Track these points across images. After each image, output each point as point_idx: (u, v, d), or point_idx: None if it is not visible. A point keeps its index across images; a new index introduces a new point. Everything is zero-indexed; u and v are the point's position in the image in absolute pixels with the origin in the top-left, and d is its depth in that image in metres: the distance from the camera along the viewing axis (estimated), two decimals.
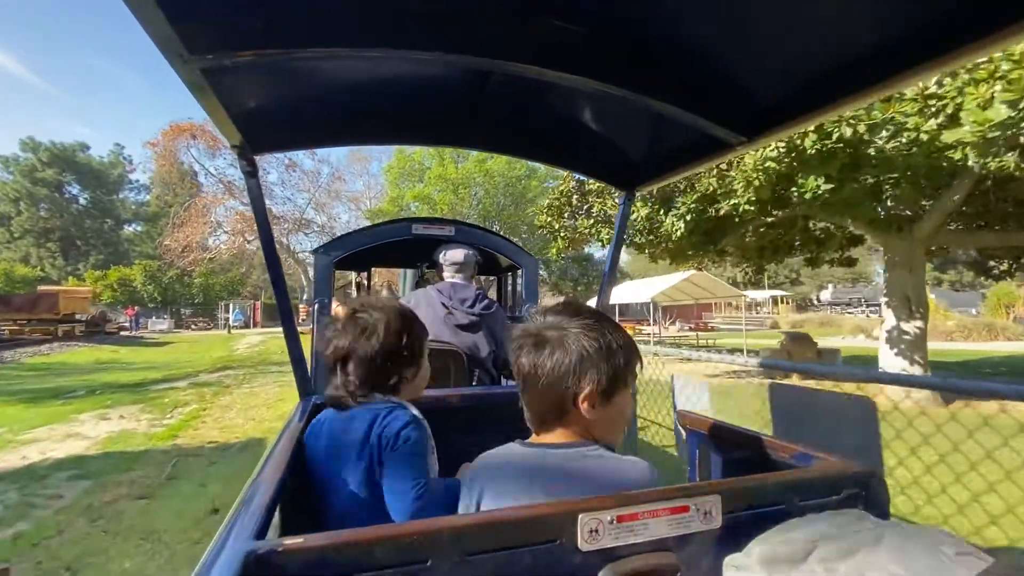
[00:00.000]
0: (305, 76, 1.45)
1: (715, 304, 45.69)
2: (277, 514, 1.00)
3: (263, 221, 1.80)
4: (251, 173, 1.69)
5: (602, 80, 1.35)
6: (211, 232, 39.22)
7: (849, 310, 51.29)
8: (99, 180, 53.74)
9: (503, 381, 2.62)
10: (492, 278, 5.23)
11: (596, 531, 0.82)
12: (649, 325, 25.21)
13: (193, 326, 35.25)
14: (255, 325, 38.30)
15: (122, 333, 27.70)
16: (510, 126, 1.93)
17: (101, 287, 38.16)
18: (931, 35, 0.93)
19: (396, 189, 39.43)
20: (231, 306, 38.66)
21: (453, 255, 2.68)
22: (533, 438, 1.07)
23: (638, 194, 2.23)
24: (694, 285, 19.73)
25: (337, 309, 2.89)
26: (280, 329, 1.94)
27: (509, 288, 4.41)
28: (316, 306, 2.88)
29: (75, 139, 54.95)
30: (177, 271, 40.77)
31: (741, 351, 16.02)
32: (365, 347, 1.27)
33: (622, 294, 22.44)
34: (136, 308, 33.27)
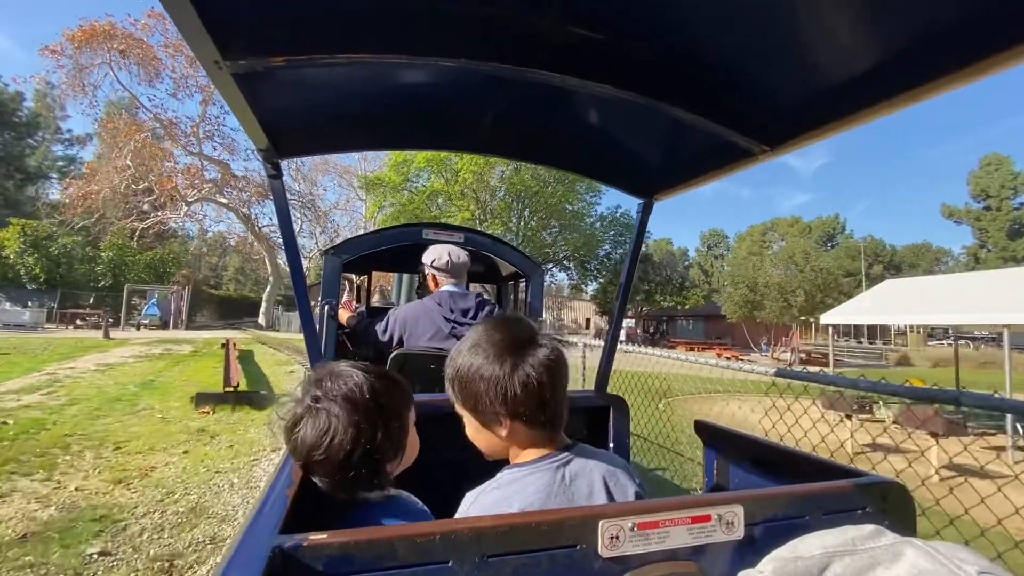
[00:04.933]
0: (330, 82, 1.46)
1: (797, 328, 35.14)
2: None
3: (286, 224, 1.76)
4: (275, 176, 1.70)
5: (622, 87, 1.34)
6: (128, 182, 27.03)
7: (931, 341, 42.14)
8: (4, 122, 40.82)
9: None
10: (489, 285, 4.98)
11: (617, 537, 0.81)
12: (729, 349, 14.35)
13: (80, 321, 22.99)
14: (180, 324, 26.04)
15: None
16: (530, 133, 1.92)
17: None
18: (965, 38, 0.87)
19: (402, 153, 29.39)
20: (148, 294, 26.43)
21: (439, 260, 2.51)
22: (545, 449, 1.03)
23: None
24: None
25: (341, 313, 2.83)
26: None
27: (511, 297, 4.20)
28: (326, 308, 2.75)
29: None
30: (76, 240, 28.36)
31: None
32: (330, 453, 1.00)
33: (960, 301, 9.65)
34: None
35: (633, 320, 45.11)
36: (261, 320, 33.81)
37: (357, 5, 1.10)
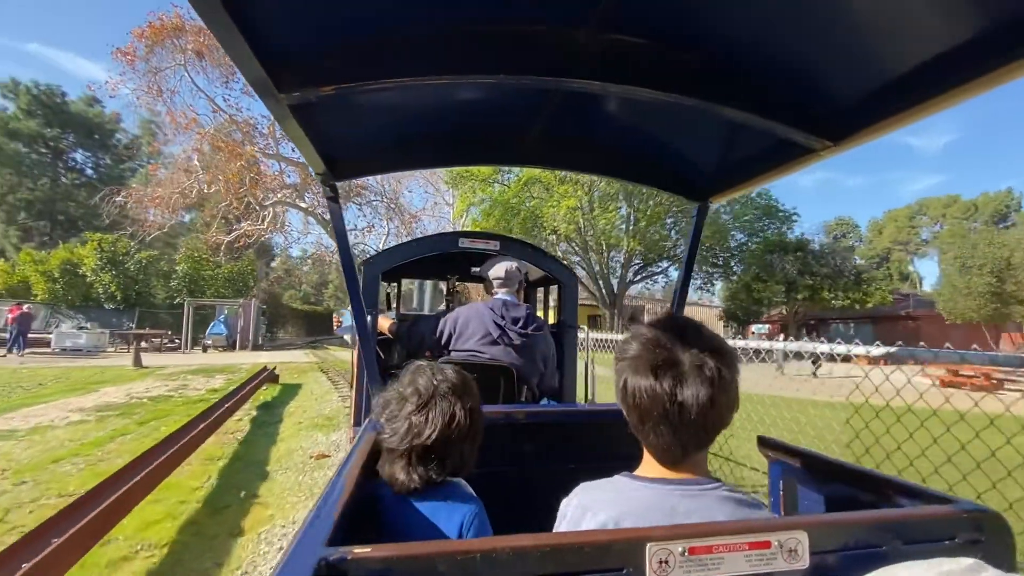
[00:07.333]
0: (378, 106, 1.50)
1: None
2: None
3: (344, 244, 1.83)
4: (333, 198, 1.79)
5: (669, 91, 1.31)
6: (198, 186, 24.46)
7: None
8: (103, 145, 41.71)
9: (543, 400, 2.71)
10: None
11: (666, 563, 0.77)
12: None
13: (145, 343, 20.27)
14: (248, 345, 22.66)
15: None
16: (578, 143, 1.91)
17: (35, 275, 24.24)
18: None
19: None
20: (217, 310, 23.42)
21: (497, 270, 2.71)
22: (657, 472, 0.98)
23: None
24: None
25: (380, 321, 2.91)
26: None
27: (539, 302, 4.35)
28: (369, 319, 2.86)
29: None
30: (149, 255, 26.29)
31: None
32: (460, 433, 1.20)
33: None
34: (26, 306, 18.31)
35: (767, 326, 36.73)
36: (346, 337, 30.34)
37: (399, 32, 1.14)
